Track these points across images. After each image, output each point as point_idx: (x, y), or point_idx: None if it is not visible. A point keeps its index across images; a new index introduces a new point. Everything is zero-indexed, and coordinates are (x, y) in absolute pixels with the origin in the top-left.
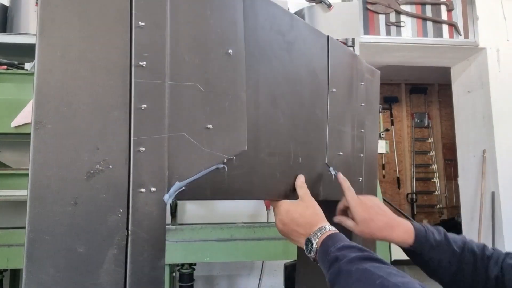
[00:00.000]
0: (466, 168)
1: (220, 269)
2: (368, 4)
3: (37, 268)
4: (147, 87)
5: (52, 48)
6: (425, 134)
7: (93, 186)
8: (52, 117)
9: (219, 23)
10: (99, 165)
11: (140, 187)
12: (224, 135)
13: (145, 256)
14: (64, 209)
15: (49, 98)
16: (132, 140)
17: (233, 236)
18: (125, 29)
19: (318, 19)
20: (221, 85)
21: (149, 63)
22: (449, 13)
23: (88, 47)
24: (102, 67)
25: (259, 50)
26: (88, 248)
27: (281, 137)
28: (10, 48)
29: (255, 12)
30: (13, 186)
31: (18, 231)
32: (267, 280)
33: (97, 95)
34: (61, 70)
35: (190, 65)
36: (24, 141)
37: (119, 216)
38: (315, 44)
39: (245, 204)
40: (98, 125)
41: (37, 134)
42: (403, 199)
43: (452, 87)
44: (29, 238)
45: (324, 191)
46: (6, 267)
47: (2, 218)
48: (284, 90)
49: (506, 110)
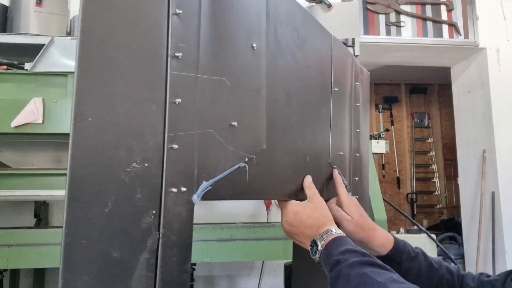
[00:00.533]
0: (466, 168)
1: (220, 269)
2: (368, 4)
3: (73, 275)
4: (181, 80)
5: (93, 34)
6: (425, 134)
7: (130, 186)
8: (93, 110)
9: (246, 14)
10: (136, 163)
11: (172, 187)
12: (247, 133)
13: (174, 260)
14: (101, 211)
15: (90, 88)
16: (166, 136)
17: (233, 236)
18: (163, 16)
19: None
20: (245, 80)
21: (184, 54)
22: (449, 13)
23: (129, 34)
24: (142, 56)
25: (277, 46)
26: (122, 253)
27: (293, 136)
28: (10, 48)
29: (275, 5)
30: (13, 186)
31: (18, 231)
32: (267, 280)
33: (136, 86)
34: (102, 58)
35: (219, 58)
36: (24, 141)
37: (152, 218)
38: (322, 42)
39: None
40: (136, 120)
41: (76, 128)
42: (403, 199)
43: (452, 87)
44: (66, 243)
45: (328, 190)
46: (6, 267)
47: (2, 218)
48: (296, 87)
49: (506, 110)
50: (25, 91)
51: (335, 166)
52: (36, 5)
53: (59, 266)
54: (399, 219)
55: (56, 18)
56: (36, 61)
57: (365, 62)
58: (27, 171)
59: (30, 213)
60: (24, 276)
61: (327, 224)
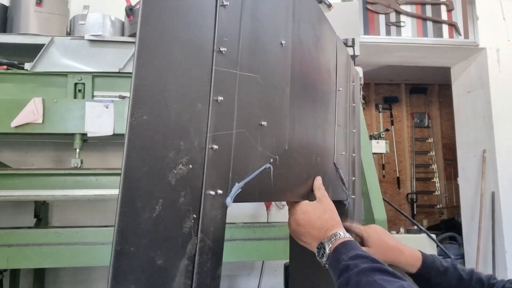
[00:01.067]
0: (466, 168)
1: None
2: (368, 4)
3: (121, 285)
4: (224, 77)
5: (151, 25)
6: (425, 134)
7: (176, 189)
8: (149, 107)
9: (276, 11)
10: (182, 164)
11: (210, 190)
12: (273, 133)
13: (208, 266)
14: (149, 215)
15: (146, 85)
16: (208, 136)
17: (233, 236)
18: (211, 7)
19: None
20: (274, 78)
21: (228, 50)
22: (449, 13)
23: (181, 26)
24: (192, 51)
25: (300, 42)
26: (165, 260)
27: (308, 136)
28: (10, 48)
29: (300, 1)
30: (13, 186)
31: (18, 231)
32: (267, 280)
33: (187, 83)
34: (158, 51)
35: (253, 55)
36: (24, 141)
37: (192, 222)
38: (330, 41)
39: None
40: (184, 119)
41: (132, 127)
42: (403, 199)
43: (452, 87)
44: (116, 252)
45: (332, 190)
46: (6, 267)
47: (2, 218)
48: (312, 86)
49: (506, 110)
50: (25, 91)
51: (339, 167)
52: (36, 5)
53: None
54: (399, 219)
55: (56, 18)
56: (36, 61)
57: (365, 62)
58: (27, 171)
59: (30, 213)
60: (24, 276)
61: (336, 227)
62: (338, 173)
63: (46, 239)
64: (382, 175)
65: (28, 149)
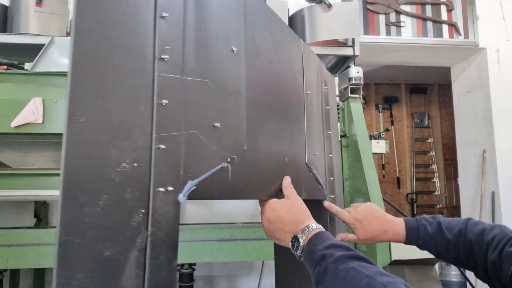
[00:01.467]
0: (466, 168)
1: (220, 269)
2: (368, 4)
3: (68, 273)
4: (168, 82)
5: (87, 35)
6: (425, 134)
7: (120, 186)
8: (86, 111)
9: (226, 19)
10: (126, 162)
11: (159, 187)
12: (229, 134)
13: (162, 258)
14: (94, 210)
15: (84, 90)
16: (153, 137)
17: (233, 236)
18: (150, 19)
19: (318, 19)
20: (226, 83)
21: (171, 57)
22: (449, 13)
23: (120, 36)
24: (132, 58)
25: (255, 49)
26: (113, 251)
27: (273, 137)
28: (10, 48)
29: (253, 10)
30: (13, 186)
31: (18, 231)
32: (267, 280)
33: (128, 88)
34: (95, 59)
35: (202, 61)
36: (24, 141)
37: (141, 217)
38: (293, 46)
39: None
40: (127, 120)
41: (70, 128)
42: (403, 199)
43: (452, 87)
44: (61, 242)
45: (306, 190)
46: (6, 267)
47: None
48: (274, 90)
49: (506, 110)
50: (25, 91)
51: (312, 167)
52: (36, 5)
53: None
54: None
55: (56, 18)
56: (36, 61)
57: (365, 62)
58: (27, 171)
59: (30, 213)
60: (24, 276)
61: (307, 220)
62: (312, 173)
63: (46, 239)
64: (382, 175)
65: (28, 149)
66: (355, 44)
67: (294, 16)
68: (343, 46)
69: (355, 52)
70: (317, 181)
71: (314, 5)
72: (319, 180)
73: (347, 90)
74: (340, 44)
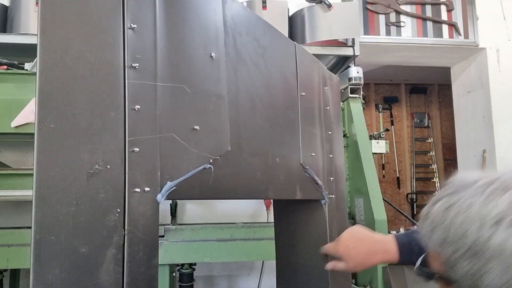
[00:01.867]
0: (466, 168)
1: (220, 269)
2: (368, 4)
3: (44, 268)
4: (139, 88)
5: (53, 47)
6: (425, 134)
7: (93, 186)
8: (55, 117)
9: (202, 27)
10: (98, 165)
11: (135, 187)
12: (210, 136)
13: (141, 255)
14: (67, 209)
15: (51, 98)
16: (127, 140)
17: (233, 236)
18: (119, 31)
19: (318, 19)
20: (206, 87)
21: (141, 65)
22: (449, 13)
23: (86, 47)
24: (99, 68)
25: (237, 54)
26: (89, 248)
27: (260, 138)
28: (10, 48)
29: (233, 17)
30: (13, 186)
31: (18, 231)
32: (267, 280)
33: (95, 95)
34: (61, 69)
35: (177, 67)
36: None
37: (116, 216)
38: (285, 50)
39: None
40: (96, 125)
41: (40, 133)
42: (403, 199)
43: (452, 87)
44: (36, 239)
45: (301, 190)
46: (6, 267)
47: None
48: (260, 93)
49: (506, 110)
50: (25, 91)
51: (307, 167)
52: (36, 5)
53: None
54: (399, 219)
55: None
56: (36, 61)
57: (365, 62)
58: (27, 171)
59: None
60: (24, 276)
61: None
62: (308, 174)
63: None
64: (382, 175)
65: (28, 149)
66: (355, 44)
67: (294, 16)
68: (343, 46)
69: (355, 52)
70: (314, 181)
71: (314, 5)
72: (316, 180)
73: (347, 90)
74: (340, 44)
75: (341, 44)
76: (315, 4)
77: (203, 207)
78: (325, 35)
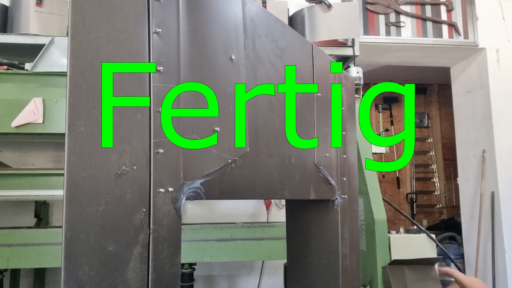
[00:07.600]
0: (466, 168)
1: (220, 269)
2: (368, 4)
3: (74, 266)
4: (164, 91)
5: (83, 52)
6: (425, 134)
7: (121, 187)
8: (84, 120)
9: (223, 30)
10: (125, 166)
11: (160, 188)
12: (230, 137)
13: (165, 253)
14: (96, 209)
15: (81, 101)
16: (152, 142)
17: (233, 236)
18: (144, 35)
19: (318, 19)
20: (226, 89)
21: (165, 68)
22: (448, 13)
23: (114, 52)
24: (126, 72)
25: (256, 56)
26: (117, 247)
27: (277, 139)
28: (10, 48)
29: (252, 19)
30: (13, 186)
31: (18, 231)
32: (267, 280)
33: None
34: (91, 73)
35: (199, 70)
36: (24, 141)
37: (142, 216)
38: (302, 50)
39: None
40: (124, 128)
41: (71, 136)
42: (403, 199)
43: (452, 87)
44: (67, 238)
45: (315, 190)
46: (6, 267)
47: (2, 218)
48: (278, 94)
49: (506, 110)
50: (25, 91)
51: (321, 167)
52: (36, 5)
53: (60, 263)
54: (399, 219)
55: (56, 18)
56: (36, 61)
57: (365, 62)
58: (27, 171)
59: (30, 213)
60: (24, 276)
61: None
62: (322, 174)
63: (46, 239)
64: (382, 175)
65: (28, 149)
66: (355, 44)
67: (294, 16)
68: (343, 46)
69: (355, 52)
70: (328, 181)
71: (314, 5)
72: (330, 180)
73: None
74: (340, 44)
75: (341, 44)
76: (315, 4)
77: (203, 207)
78: (325, 35)
